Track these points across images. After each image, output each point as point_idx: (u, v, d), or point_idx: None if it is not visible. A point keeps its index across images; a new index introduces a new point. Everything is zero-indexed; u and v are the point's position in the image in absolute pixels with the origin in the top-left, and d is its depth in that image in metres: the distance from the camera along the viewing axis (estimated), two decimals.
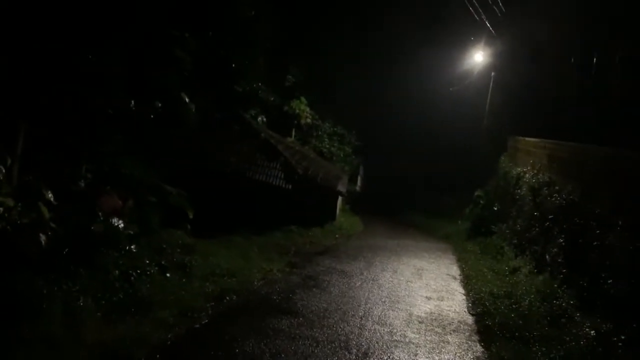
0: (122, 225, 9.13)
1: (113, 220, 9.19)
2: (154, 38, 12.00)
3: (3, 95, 8.13)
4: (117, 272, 8.12)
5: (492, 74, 22.31)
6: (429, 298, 9.79)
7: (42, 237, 6.98)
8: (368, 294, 9.45)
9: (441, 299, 9.86)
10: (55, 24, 9.49)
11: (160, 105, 11.28)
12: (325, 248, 15.53)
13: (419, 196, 29.41)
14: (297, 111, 27.16)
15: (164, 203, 12.27)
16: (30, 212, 6.97)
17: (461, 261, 14.57)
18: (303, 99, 27.37)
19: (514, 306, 9.47)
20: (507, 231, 16.66)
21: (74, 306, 6.70)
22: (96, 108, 11.69)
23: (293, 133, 27.20)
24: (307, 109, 27.41)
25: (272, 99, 26.91)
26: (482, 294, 10.21)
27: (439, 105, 28.01)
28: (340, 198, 22.21)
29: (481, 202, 20.23)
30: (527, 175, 15.97)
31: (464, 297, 10.25)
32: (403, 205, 28.77)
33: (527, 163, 16.86)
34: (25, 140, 8.22)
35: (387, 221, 25.35)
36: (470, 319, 8.76)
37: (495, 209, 19.28)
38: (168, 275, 9.11)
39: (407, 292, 9.98)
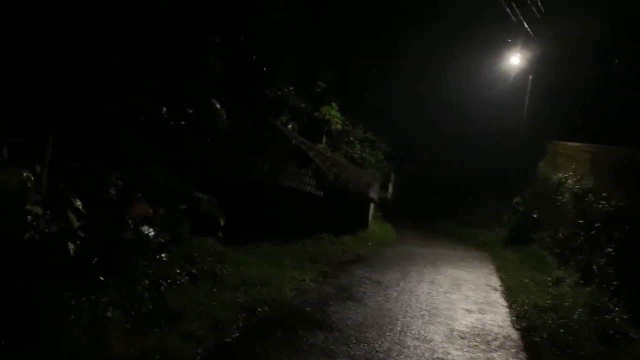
0: (152, 233, 8.94)
1: (143, 229, 9.03)
2: (185, 44, 11.89)
3: (32, 103, 8.05)
4: (146, 281, 7.90)
5: (530, 76, 21.57)
6: (469, 311, 9.27)
7: (71, 246, 6.81)
8: (405, 307, 9.00)
9: (482, 311, 9.34)
10: (85, 30, 9.43)
11: (191, 112, 11.13)
12: (357, 256, 15.12)
13: (453, 203, 28.73)
14: (328, 117, 26.88)
15: (194, 210, 12.12)
16: (59, 220, 6.80)
17: (500, 271, 13.95)
18: (334, 104, 27.10)
19: (561, 320, 8.88)
20: (548, 239, 15.96)
21: (101, 317, 6.48)
22: (127, 115, 11.62)
23: (324, 139, 26.91)
24: (338, 115, 27.11)
25: (302, 105, 26.75)
26: (525, 307, 9.64)
27: (474, 109, 27.28)
28: (372, 205, 21.78)
29: (520, 209, 19.49)
30: (569, 181, 15.25)
31: (507, 309, 9.69)
32: (437, 213, 28.13)
33: (569, 168, 16.14)
34: (54, 148, 8.11)
35: (421, 229, 24.79)
36: (515, 334, 8.22)
37: (535, 216, 18.55)
38: (199, 284, 8.87)
39: (446, 305, 9.48)
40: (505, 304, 10.11)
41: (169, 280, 8.32)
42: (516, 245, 17.55)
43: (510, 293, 11.05)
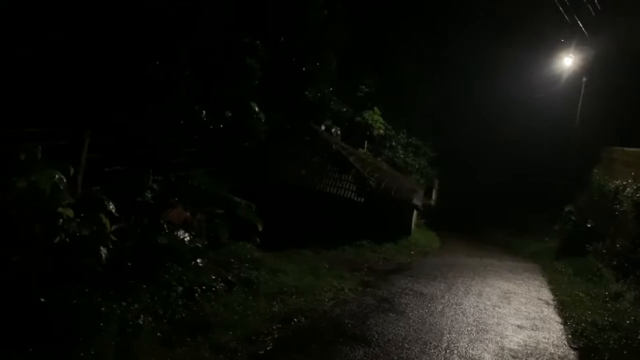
0: (188, 238, 8.71)
1: (178, 233, 8.82)
2: (225, 46, 11.74)
3: (69, 104, 7.98)
4: (180, 288, 7.66)
5: (584, 79, 20.44)
6: (521, 327, 8.62)
7: (103, 250, 6.61)
8: (451, 322, 8.43)
9: (535, 328, 8.66)
10: (124, 32, 9.36)
11: (230, 115, 10.93)
12: (399, 265, 14.57)
13: (501, 212, 27.58)
14: (370, 122, 26.37)
15: (232, 215, 11.91)
16: (92, 224, 6.62)
17: (553, 283, 13.13)
18: (376, 109, 26.56)
19: (623, 341, 8.14)
20: (604, 251, 14.95)
21: (132, 325, 6.25)
22: (166, 118, 11.54)
23: (365, 144, 26.41)
24: (381, 120, 26.55)
25: (344, 109, 26.36)
26: (582, 324, 8.92)
27: (524, 114, 26.13)
28: (415, 212, 21.12)
29: (572, 218, 18.45)
30: (629, 189, 14.26)
31: (562, 326, 8.99)
32: (484, 221, 27.09)
33: (628, 175, 15.13)
34: (91, 151, 8.01)
35: (467, 238, 23.89)
36: (572, 355, 7.55)
37: (589, 226, 17.51)
38: (234, 291, 8.58)
39: (495, 320, 8.85)
40: (559, 319, 9.39)
41: (203, 287, 8.06)
42: (569, 257, 16.57)
43: (564, 308, 10.29)
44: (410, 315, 8.54)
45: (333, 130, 25.09)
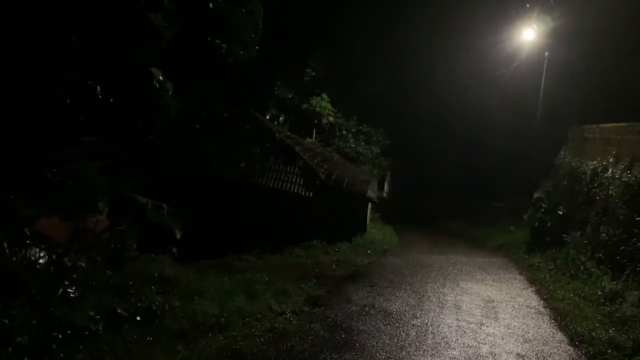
0: (45, 259, 6.04)
1: (39, 253, 6.13)
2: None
3: None
4: (26, 337, 5.02)
5: (546, 54, 18.73)
6: (522, 357, 6.41)
7: None
8: (430, 358, 6.13)
9: (541, 356, 6.47)
10: None
11: (130, 89, 8.23)
12: (356, 269, 12.35)
13: (460, 200, 25.82)
14: (318, 109, 24.00)
15: (143, 221, 9.26)
16: None
17: (535, 284, 11.17)
18: (325, 95, 24.22)
19: None
20: (585, 241, 13.13)
21: None
22: (45, 95, 8.75)
23: (314, 133, 24.04)
24: (329, 106, 24.23)
25: (290, 96, 23.90)
26: (599, 346, 6.81)
27: (483, 95, 24.25)
28: (370, 205, 18.94)
29: (543, 205, 16.64)
30: (614, 170, 12.45)
31: (572, 348, 6.85)
32: (442, 213, 25.22)
33: (607, 154, 13.36)
34: None
35: (426, 231, 21.89)
36: None
37: (560, 213, 15.76)
38: (124, 331, 5.99)
39: (487, 348, 6.59)
40: (564, 339, 7.25)
41: (70, 331, 5.45)
42: (543, 249, 14.72)
43: (563, 319, 8.23)
44: (374, 354, 6.15)
45: (281, 118, 22.62)
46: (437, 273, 11.58)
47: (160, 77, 8.02)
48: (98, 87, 9.20)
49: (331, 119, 24.48)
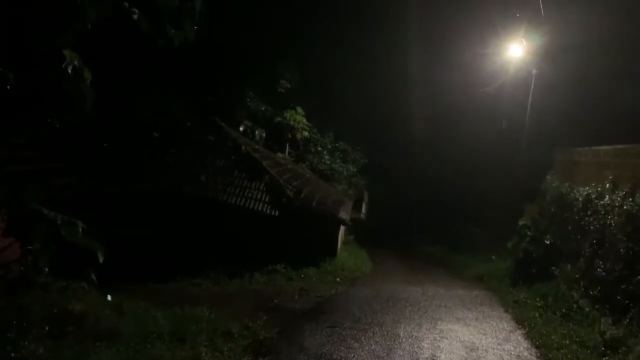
0: None
1: None
2: None
3: None
4: None
5: (534, 71, 17.63)
6: None
7: None
8: None
9: None
10: None
11: (35, 73, 6.68)
12: (320, 301, 10.85)
13: (439, 225, 24.42)
14: (292, 122, 22.54)
15: (59, 240, 7.55)
16: None
17: (524, 325, 9.68)
18: (299, 109, 22.79)
19: None
20: (577, 276, 11.76)
21: None
22: None
23: (287, 148, 22.54)
24: (304, 120, 22.79)
25: (263, 108, 22.41)
26: None
27: (467, 114, 23.04)
28: (342, 228, 17.41)
29: (528, 233, 15.29)
30: (611, 197, 11.16)
31: None
32: (420, 238, 23.84)
33: (602, 179, 12.11)
34: None
35: (402, 256, 20.42)
36: None
37: (548, 242, 14.42)
38: None
39: None
40: None
41: None
42: (529, 282, 13.31)
43: None
44: None
45: (257, 132, 21.05)
46: (412, 309, 10.04)
47: (76, 62, 6.42)
48: (11, 75, 7.59)
49: (306, 133, 23.05)
